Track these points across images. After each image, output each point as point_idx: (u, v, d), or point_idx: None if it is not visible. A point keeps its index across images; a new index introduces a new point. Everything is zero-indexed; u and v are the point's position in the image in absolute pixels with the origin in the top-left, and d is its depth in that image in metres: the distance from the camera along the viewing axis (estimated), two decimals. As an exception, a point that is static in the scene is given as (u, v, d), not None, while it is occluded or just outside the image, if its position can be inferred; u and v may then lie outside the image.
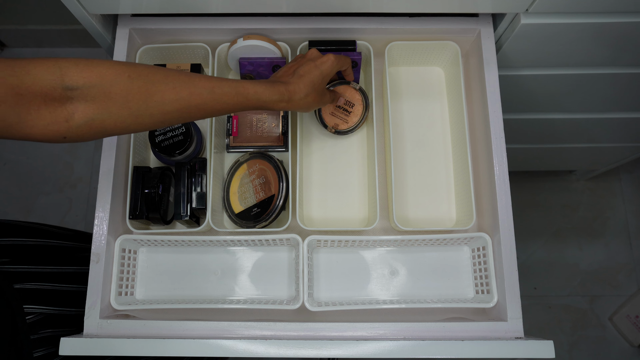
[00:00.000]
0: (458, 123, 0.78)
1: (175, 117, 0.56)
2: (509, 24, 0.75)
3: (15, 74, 0.47)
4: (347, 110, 0.81)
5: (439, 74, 0.85)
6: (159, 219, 0.74)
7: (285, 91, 0.63)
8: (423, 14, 0.77)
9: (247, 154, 0.80)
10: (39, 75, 0.49)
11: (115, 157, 0.73)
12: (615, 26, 0.73)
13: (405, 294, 0.74)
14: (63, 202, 1.67)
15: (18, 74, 0.47)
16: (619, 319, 1.56)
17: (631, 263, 1.63)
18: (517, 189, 0.99)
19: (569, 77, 0.89)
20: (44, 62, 0.49)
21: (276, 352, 0.63)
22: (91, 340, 0.63)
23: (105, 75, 0.51)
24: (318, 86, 0.66)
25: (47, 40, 1.76)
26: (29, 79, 0.48)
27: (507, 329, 0.66)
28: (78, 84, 0.50)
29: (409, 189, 0.80)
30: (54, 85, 0.49)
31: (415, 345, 0.62)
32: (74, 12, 0.72)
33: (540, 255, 1.64)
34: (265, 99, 0.61)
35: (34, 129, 0.49)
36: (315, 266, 0.75)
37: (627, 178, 1.70)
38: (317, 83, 0.66)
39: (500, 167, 0.71)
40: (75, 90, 0.50)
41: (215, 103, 0.58)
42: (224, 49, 0.79)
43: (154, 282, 0.75)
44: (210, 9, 0.72)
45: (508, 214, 0.70)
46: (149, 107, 0.54)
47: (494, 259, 0.70)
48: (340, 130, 0.80)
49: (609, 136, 1.20)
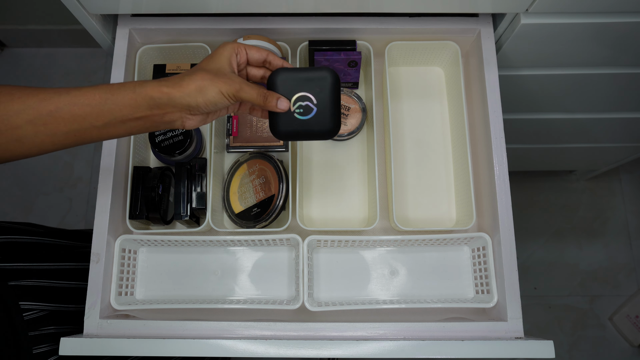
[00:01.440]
0: (458, 123, 0.78)
1: (30, 132, 0.49)
2: (509, 24, 0.75)
3: None
4: (344, 113, 0.81)
5: (439, 74, 0.85)
6: (159, 219, 0.74)
7: (170, 82, 0.52)
8: (423, 14, 0.77)
9: (247, 154, 0.80)
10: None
11: (115, 157, 0.73)
12: (615, 26, 0.73)
13: (405, 294, 0.74)
14: (63, 202, 1.67)
15: None
16: (619, 319, 1.56)
17: (631, 263, 1.63)
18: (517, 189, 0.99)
19: (569, 77, 0.89)
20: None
21: (276, 352, 0.63)
22: (91, 340, 0.63)
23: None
24: (210, 68, 0.54)
25: (47, 40, 1.76)
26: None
27: (507, 329, 0.66)
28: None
29: (409, 189, 0.80)
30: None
31: (415, 345, 0.62)
32: (74, 12, 0.72)
33: (540, 255, 1.64)
34: (149, 92, 0.51)
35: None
36: (315, 266, 0.75)
37: (627, 178, 1.70)
38: (206, 65, 0.54)
39: (500, 167, 0.71)
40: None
41: (74, 106, 0.49)
42: (224, 49, 0.79)
43: (154, 282, 0.75)
44: (210, 9, 0.72)
45: (508, 214, 0.70)
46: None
47: (494, 259, 0.70)
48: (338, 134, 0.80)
49: (609, 136, 1.20)
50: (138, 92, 0.51)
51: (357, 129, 0.80)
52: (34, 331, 0.72)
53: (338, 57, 0.77)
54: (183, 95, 0.51)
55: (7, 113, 0.48)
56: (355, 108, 0.81)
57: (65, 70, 1.79)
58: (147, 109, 0.51)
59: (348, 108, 0.81)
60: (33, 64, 1.79)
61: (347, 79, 0.82)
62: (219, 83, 0.52)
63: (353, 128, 0.80)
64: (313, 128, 0.58)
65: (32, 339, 0.71)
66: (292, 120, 0.58)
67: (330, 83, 0.57)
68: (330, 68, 0.59)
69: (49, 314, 0.75)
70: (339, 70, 0.80)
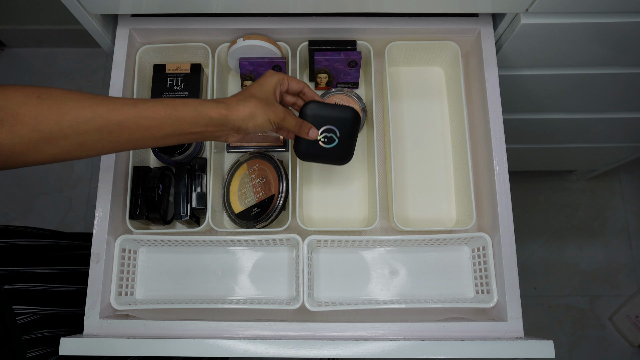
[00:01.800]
0: (458, 123, 0.78)
1: (94, 138, 0.52)
2: (509, 24, 0.75)
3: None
4: None
5: (439, 74, 0.85)
6: (159, 219, 0.74)
7: (225, 104, 0.57)
8: (423, 14, 0.77)
9: (247, 154, 0.80)
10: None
11: (115, 157, 0.73)
12: (615, 26, 0.73)
13: (405, 294, 0.74)
14: (63, 202, 1.67)
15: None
16: (619, 319, 1.56)
17: (631, 263, 1.63)
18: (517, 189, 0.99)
19: (569, 77, 0.89)
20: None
21: (276, 352, 0.63)
22: (91, 340, 0.63)
23: (12, 97, 0.48)
24: (259, 95, 0.60)
25: (47, 40, 1.76)
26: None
27: (507, 329, 0.66)
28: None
29: (409, 189, 0.80)
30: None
31: (415, 345, 0.62)
32: (74, 12, 0.72)
33: (540, 255, 1.64)
34: (210, 114, 0.56)
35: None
36: (315, 266, 0.75)
37: (627, 178, 1.70)
38: (256, 92, 0.60)
39: (500, 167, 0.71)
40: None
41: (140, 119, 0.52)
42: (224, 49, 0.79)
43: (154, 282, 0.75)
44: (210, 9, 0.72)
45: (508, 214, 0.70)
46: (63, 127, 0.49)
47: (494, 259, 0.70)
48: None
49: (609, 136, 1.20)
50: (199, 110, 0.56)
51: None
52: (27, 335, 0.72)
53: (338, 57, 0.77)
54: (237, 118, 0.57)
55: (76, 120, 0.50)
56: (355, 107, 0.81)
57: (65, 70, 1.79)
58: (204, 126, 0.56)
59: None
60: (33, 64, 1.79)
61: (347, 79, 0.82)
62: (268, 112, 0.59)
63: None
64: (331, 155, 0.69)
65: (25, 343, 0.71)
66: (315, 146, 0.68)
67: (353, 121, 0.68)
68: (354, 109, 0.68)
69: (42, 317, 0.75)
70: (339, 70, 0.80)
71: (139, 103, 0.53)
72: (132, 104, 0.53)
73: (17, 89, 0.49)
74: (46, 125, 0.49)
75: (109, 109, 0.51)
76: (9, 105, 0.48)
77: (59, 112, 0.49)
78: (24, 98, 0.49)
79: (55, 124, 0.49)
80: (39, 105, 0.49)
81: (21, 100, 0.48)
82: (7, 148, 0.48)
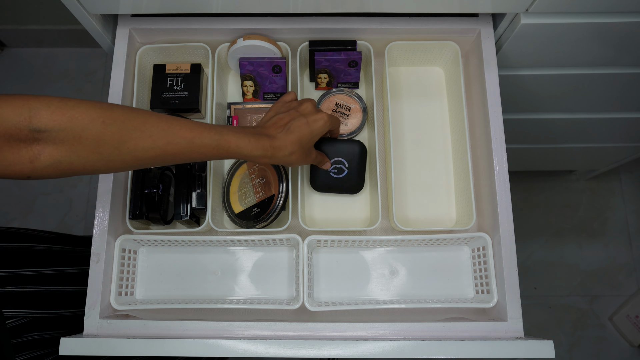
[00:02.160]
0: (458, 123, 0.78)
1: (148, 162, 0.55)
2: (509, 24, 0.75)
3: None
4: (345, 113, 0.81)
5: (439, 74, 0.85)
6: (159, 219, 0.74)
7: (269, 147, 0.60)
8: (423, 14, 0.77)
9: (247, 154, 0.80)
10: (4, 115, 0.47)
11: (115, 157, 0.73)
12: (615, 26, 0.73)
13: (405, 294, 0.74)
14: (63, 202, 1.67)
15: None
16: (619, 319, 1.56)
17: (631, 263, 1.63)
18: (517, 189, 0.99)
19: (569, 77, 0.89)
20: (14, 101, 0.47)
21: (276, 352, 0.63)
22: (91, 340, 0.63)
23: (78, 120, 0.49)
24: (305, 145, 0.63)
25: (47, 40, 1.76)
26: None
27: (507, 329, 0.66)
28: (47, 127, 0.48)
29: (409, 189, 0.80)
30: (21, 126, 0.47)
31: (415, 345, 0.62)
32: (74, 12, 0.72)
33: (540, 255, 1.64)
34: (246, 153, 0.58)
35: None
36: (315, 266, 0.75)
37: (627, 178, 1.70)
38: (304, 142, 0.63)
39: (500, 167, 0.71)
40: (43, 133, 0.48)
41: (193, 153, 0.56)
42: (224, 49, 0.79)
43: (154, 282, 0.75)
44: (210, 9, 0.72)
45: (508, 214, 0.70)
46: (122, 153, 0.52)
47: (494, 259, 0.70)
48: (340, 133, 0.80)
49: (609, 136, 1.20)
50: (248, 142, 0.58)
51: (357, 129, 0.80)
52: (17, 339, 0.71)
53: (338, 57, 0.77)
54: (280, 155, 0.61)
55: (135, 148, 0.53)
56: (355, 108, 0.81)
57: (65, 70, 1.79)
58: (246, 156, 0.59)
59: (349, 108, 0.81)
60: (33, 64, 1.80)
61: (347, 79, 0.82)
62: (305, 158, 0.65)
63: (354, 128, 0.80)
64: (343, 186, 0.76)
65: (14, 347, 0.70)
66: (327, 177, 0.76)
67: (359, 153, 0.76)
68: (362, 143, 0.77)
69: (32, 320, 0.74)
70: (339, 70, 0.80)
71: (195, 139, 0.55)
72: (189, 141, 0.55)
73: (83, 111, 0.50)
74: (106, 150, 0.51)
75: (168, 142, 0.54)
76: (73, 128, 0.49)
77: (121, 140, 0.52)
78: (89, 122, 0.50)
79: (114, 149, 0.51)
80: (103, 131, 0.50)
81: (86, 124, 0.50)
82: (65, 165, 0.50)
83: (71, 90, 1.77)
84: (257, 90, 0.82)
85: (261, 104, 0.83)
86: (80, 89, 1.78)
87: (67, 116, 0.49)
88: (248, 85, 0.81)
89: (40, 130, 0.48)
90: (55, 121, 0.48)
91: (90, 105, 0.51)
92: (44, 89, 1.77)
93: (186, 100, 0.79)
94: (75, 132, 0.49)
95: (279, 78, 0.80)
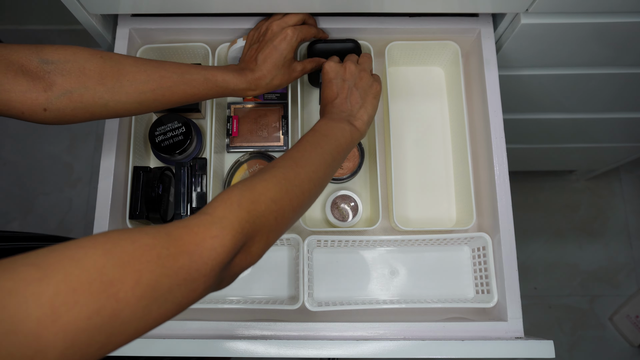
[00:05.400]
0: (458, 123, 0.78)
1: (150, 98, 0.58)
2: (509, 24, 0.75)
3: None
4: None
5: (439, 74, 0.85)
6: (159, 219, 0.74)
7: (252, 80, 0.64)
8: (423, 14, 0.77)
9: (247, 154, 0.80)
10: (15, 48, 0.52)
11: (115, 157, 0.73)
12: (615, 26, 0.73)
13: (405, 294, 0.74)
14: (63, 202, 1.67)
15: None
16: (619, 319, 1.56)
17: (631, 263, 1.63)
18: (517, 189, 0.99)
19: (570, 77, 0.89)
20: (23, 44, 0.53)
21: (276, 352, 0.63)
22: (91, 340, 0.63)
23: (79, 53, 0.55)
24: (282, 66, 0.67)
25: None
26: (6, 50, 0.51)
27: (507, 329, 0.66)
28: (53, 59, 0.53)
29: (409, 189, 0.80)
30: (31, 57, 0.52)
31: (415, 345, 0.62)
32: (74, 12, 0.72)
33: (540, 255, 1.64)
34: (233, 87, 0.63)
35: (12, 94, 0.51)
36: (316, 266, 0.75)
37: (627, 178, 1.70)
38: (279, 64, 0.66)
39: (500, 167, 0.71)
40: (51, 64, 0.53)
41: (186, 86, 0.60)
42: (224, 48, 0.79)
43: (154, 282, 0.75)
44: (210, 9, 0.72)
45: (508, 214, 0.70)
46: (124, 85, 0.56)
47: (494, 259, 0.70)
48: (334, 177, 0.77)
49: (609, 136, 1.20)
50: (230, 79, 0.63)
51: (353, 173, 0.78)
52: None
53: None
54: (263, 84, 0.66)
55: (135, 80, 0.57)
56: (352, 152, 0.79)
57: (65, 70, 1.79)
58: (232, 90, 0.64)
59: None
60: (33, 64, 1.79)
61: None
62: (289, 78, 0.68)
63: (349, 172, 0.78)
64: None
65: None
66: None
67: (353, 49, 0.76)
68: (355, 40, 0.76)
69: None
70: None
71: (185, 74, 0.60)
72: (179, 74, 0.60)
73: (81, 48, 0.55)
74: (109, 81, 0.55)
75: (161, 76, 0.58)
76: (77, 59, 0.54)
77: (120, 72, 0.56)
78: (90, 56, 0.55)
79: (116, 81, 0.56)
80: (102, 63, 0.55)
81: (87, 57, 0.55)
82: (76, 96, 0.54)
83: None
84: (257, 90, 0.82)
85: (261, 104, 0.83)
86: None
87: (70, 51, 0.54)
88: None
89: (48, 62, 0.53)
90: (59, 54, 0.54)
91: (86, 47, 0.57)
92: (44, 89, 1.77)
93: (186, 100, 0.79)
94: (79, 63, 0.54)
95: (279, 78, 0.80)
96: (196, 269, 0.38)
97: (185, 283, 0.37)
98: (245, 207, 0.43)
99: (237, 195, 0.44)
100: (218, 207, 0.42)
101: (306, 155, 0.54)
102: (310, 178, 0.52)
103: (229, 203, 0.43)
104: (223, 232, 0.40)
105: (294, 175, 0.50)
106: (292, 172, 0.50)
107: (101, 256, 0.33)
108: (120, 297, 0.32)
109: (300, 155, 0.54)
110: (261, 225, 0.45)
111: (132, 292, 0.33)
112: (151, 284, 0.34)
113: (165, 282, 0.35)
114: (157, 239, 0.36)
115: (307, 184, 0.51)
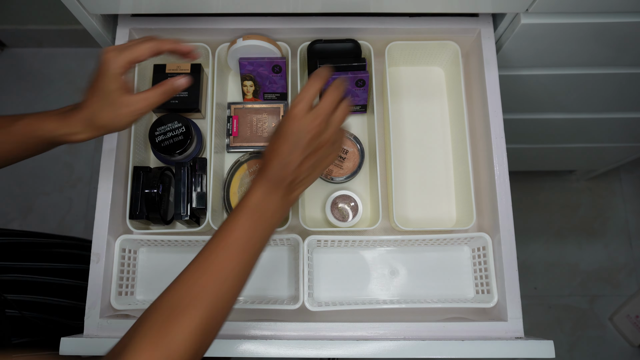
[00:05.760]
0: (458, 123, 0.78)
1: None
2: (509, 24, 0.75)
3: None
4: (341, 156, 0.79)
5: (439, 74, 0.85)
6: (159, 219, 0.74)
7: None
8: (423, 14, 0.77)
9: (247, 154, 0.80)
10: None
11: (115, 157, 0.73)
12: (615, 26, 0.73)
13: (406, 294, 0.74)
14: (63, 202, 1.67)
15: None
16: (619, 319, 1.56)
17: (631, 263, 1.63)
18: (517, 189, 0.99)
19: (569, 77, 0.89)
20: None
21: (276, 352, 0.63)
22: (91, 340, 0.63)
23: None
24: (105, 100, 0.55)
25: (47, 40, 1.76)
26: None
27: (507, 329, 0.66)
28: None
29: (409, 189, 0.80)
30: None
31: (415, 345, 0.62)
32: (74, 12, 0.72)
33: (540, 255, 1.64)
34: (50, 131, 0.59)
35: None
36: (316, 266, 0.75)
37: (627, 178, 1.70)
38: (101, 97, 0.55)
39: (500, 167, 0.71)
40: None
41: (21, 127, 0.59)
42: (224, 49, 0.79)
43: (154, 282, 0.75)
44: (210, 9, 0.72)
45: (508, 214, 0.70)
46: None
47: (494, 259, 0.70)
48: (334, 177, 0.78)
49: (609, 136, 1.20)
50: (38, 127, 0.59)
51: (353, 173, 0.79)
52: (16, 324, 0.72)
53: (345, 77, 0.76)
54: (75, 131, 0.57)
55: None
56: (353, 152, 0.79)
57: (65, 70, 1.79)
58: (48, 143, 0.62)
59: (346, 151, 0.79)
60: (33, 64, 1.79)
61: (355, 102, 0.81)
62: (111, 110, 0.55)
63: (349, 172, 0.78)
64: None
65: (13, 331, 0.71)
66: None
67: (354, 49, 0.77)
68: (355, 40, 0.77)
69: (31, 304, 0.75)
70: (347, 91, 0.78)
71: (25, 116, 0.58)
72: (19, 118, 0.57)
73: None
74: None
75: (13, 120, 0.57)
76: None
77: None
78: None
79: None
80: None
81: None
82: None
83: (71, 90, 1.77)
84: (257, 90, 0.82)
85: (261, 104, 0.83)
86: (80, 89, 1.78)
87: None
88: (248, 85, 0.81)
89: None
90: None
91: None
92: (44, 89, 1.77)
93: (186, 100, 0.79)
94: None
95: (279, 78, 0.80)
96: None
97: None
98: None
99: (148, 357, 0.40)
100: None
101: (232, 265, 0.49)
102: (236, 286, 0.49)
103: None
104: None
105: (220, 306, 0.46)
106: (217, 303, 0.46)
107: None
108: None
109: (223, 266, 0.49)
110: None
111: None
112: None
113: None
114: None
115: (233, 295, 0.49)
